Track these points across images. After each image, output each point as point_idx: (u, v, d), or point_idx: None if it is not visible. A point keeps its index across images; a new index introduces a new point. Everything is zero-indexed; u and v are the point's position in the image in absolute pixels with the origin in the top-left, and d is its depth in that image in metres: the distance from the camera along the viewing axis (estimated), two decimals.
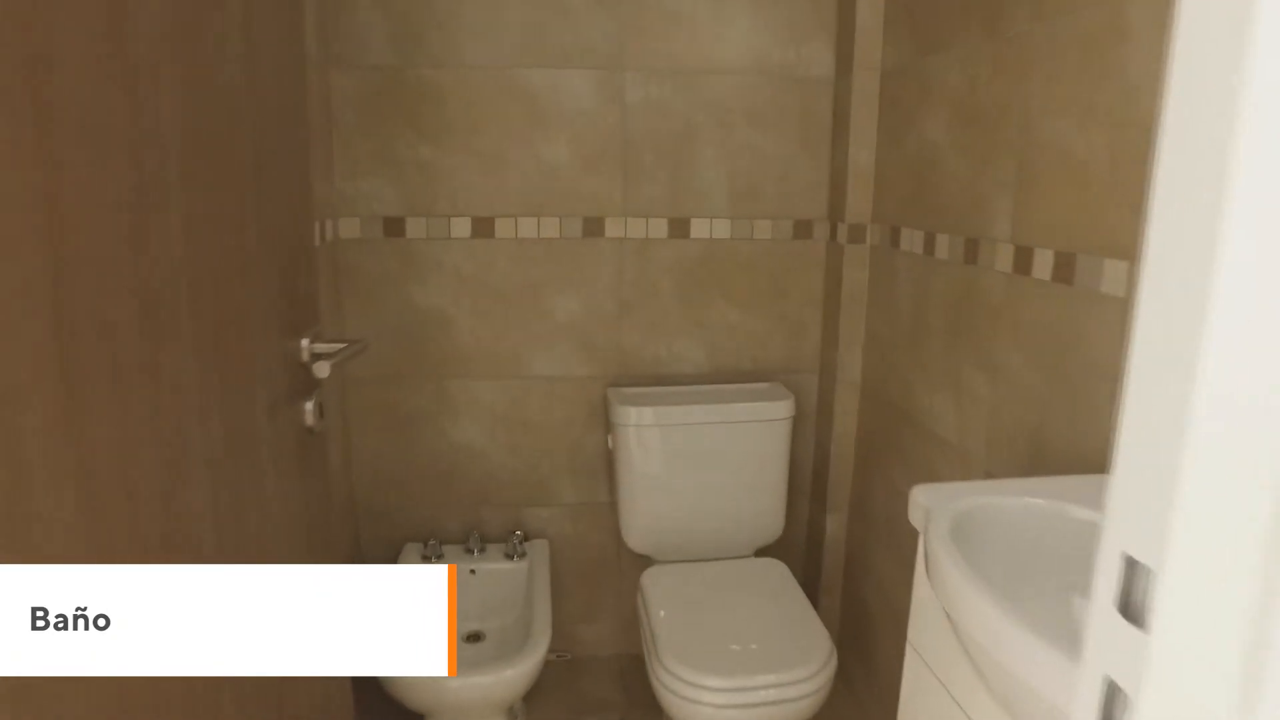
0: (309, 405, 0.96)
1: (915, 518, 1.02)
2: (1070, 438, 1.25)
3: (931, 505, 0.98)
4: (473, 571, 1.97)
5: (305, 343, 0.96)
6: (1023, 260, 1.36)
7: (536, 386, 2.05)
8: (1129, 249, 1.12)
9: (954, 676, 0.98)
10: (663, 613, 1.69)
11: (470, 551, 2.01)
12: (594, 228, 2.00)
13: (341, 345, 0.98)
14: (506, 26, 1.88)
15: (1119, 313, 1.14)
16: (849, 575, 2.13)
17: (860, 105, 1.91)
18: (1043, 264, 1.31)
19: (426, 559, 1.96)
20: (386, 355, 1.99)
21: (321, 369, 0.92)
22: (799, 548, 2.29)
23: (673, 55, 1.94)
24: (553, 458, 2.10)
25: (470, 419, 2.05)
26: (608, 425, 2.04)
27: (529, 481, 2.11)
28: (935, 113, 1.64)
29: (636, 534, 1.95)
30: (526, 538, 2.11)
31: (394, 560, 2.03)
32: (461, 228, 1.95)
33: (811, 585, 2.22)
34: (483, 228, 1.96)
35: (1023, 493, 1.01)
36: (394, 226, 1.94)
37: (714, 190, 2.02)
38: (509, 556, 2.00)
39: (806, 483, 2.24)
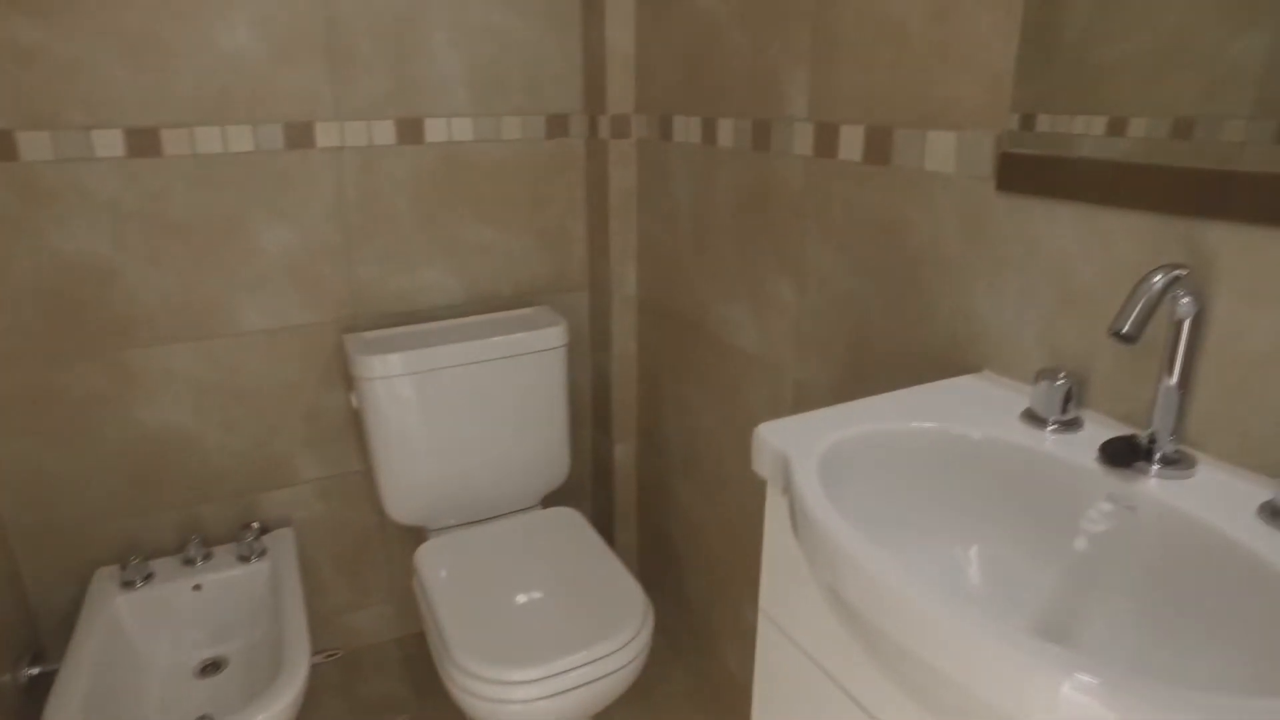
0: None
1: (764, 464, 0.82)
2: (898, 338, 1.11)
3: (789, 448, 0.77)
4: (197, 587, 1.55)
5: None
6: (825, 141, 1.18)
7: (251, 343, 1.62)
8: (958, 117, 0.96)
9: (825, 646, 0.80)
10: (446, 599, 1.41)
11: (191, 562, 1.58)
12: (300, 136, 1.57)
13: None
14: None
15: (947, 194, 0.99)
16: (644, 506, 1.97)
17: None
18: (851, 143, 1.13)
19: (129, 584, 1.51)
20: (25, 326, 1.45)
21: None
22: (588, 484, 2.09)
23: None
24: (285, 428, 1.69)
25: (167, 396, 1.58)
26: (348, 380, 1.67)
27: (258, 461, 1.69)
28: None
29: (400, 504, 1.63)
30: (265, 530, 1.71)
31: (81, 594, 1.55)
32: (110, 143, 1.44)
33: (605, 521, 2.04)
34: (143, 143, 1.46)
35: (895, 413, 0.84)
36: None
37: (449, 83, 1.66)
38: (244, 558, 1.60)
39: (588, 412, 2.02)
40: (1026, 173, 0.88)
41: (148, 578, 1.52)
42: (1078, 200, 0.84)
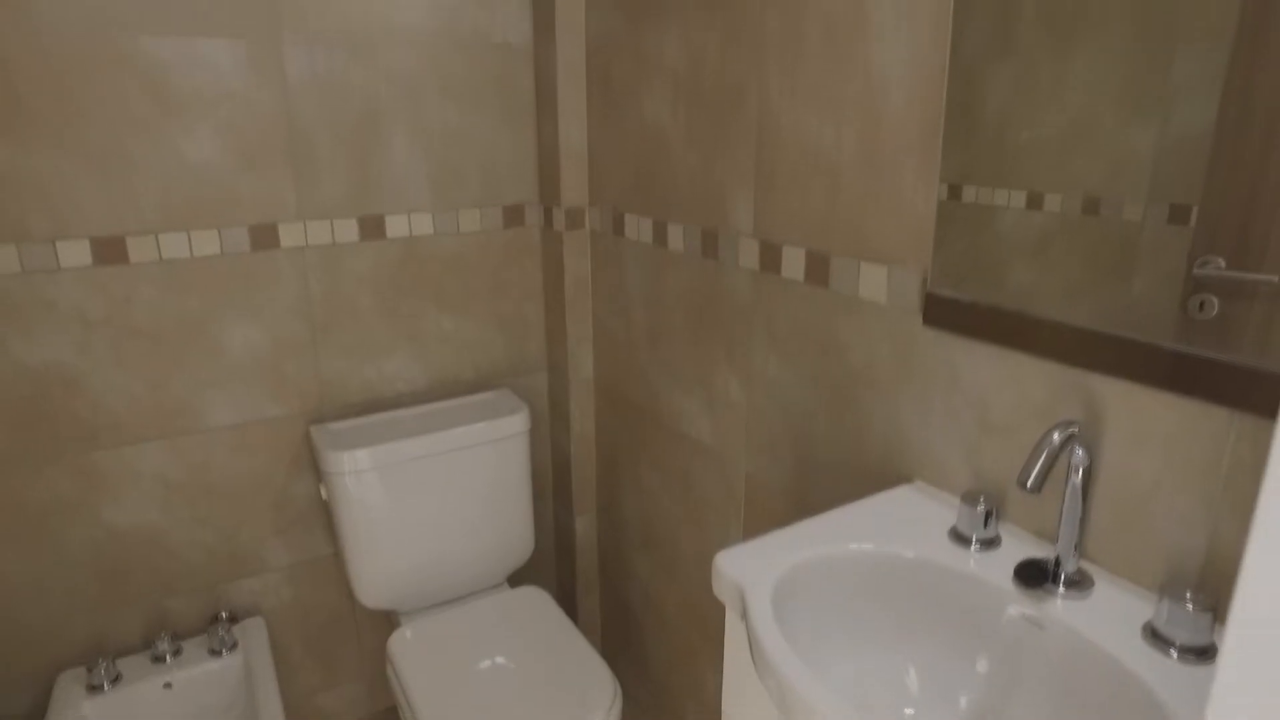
0: None
1: (722, 591, 0.91)
2: (839, 444, 1.22)
3: (744, 580, 0.86)
4: (168, 685, 1.57)
5: None
6: (770, 258, 1.29)
7: (219, 438, 1.66)
8: (887, 253, 1.07)
9: None
10: (422, 690, 1.46)
11: (160, 659, 1.60)
12: (265, 237, 1.62)
13: None
14: None
15: (880, 322, 1.10)
16: (605, 576, 2.04)
17: (566, 76, 1.72)
18: (793, 263, 1.24)
19: (95, 688, 1.52)
20: None
21: None
22: (551, 555, 2.15)
23: (343, 18, 1.60)
24: (254, 518, 1.73)
25: (135, 495, 1.60)
26: (317, 472, 1.71)
27: (227, 553, 1.72)
28: (655, 90, 1.51)
29: (371, 591, 1.67)
30: (234, 620, 1.73)
31: (44, 700, 1.56)
32: (76, 254, 1.48)
33: (569, 592, 2.11)
34: (110, 251, 1.50)
35: (838, 536, 0.93)
36: None
37: (409, 180, 1.73)
38: (215, 652, 1.62)
39: (550, 485, 2.09)
40: (948, 313, 1.00)
41: (115, 679, 1.54)
42: (993, 342, 0.95)
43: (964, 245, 0.96)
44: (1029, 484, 0.76)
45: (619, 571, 1.96)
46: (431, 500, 1.67)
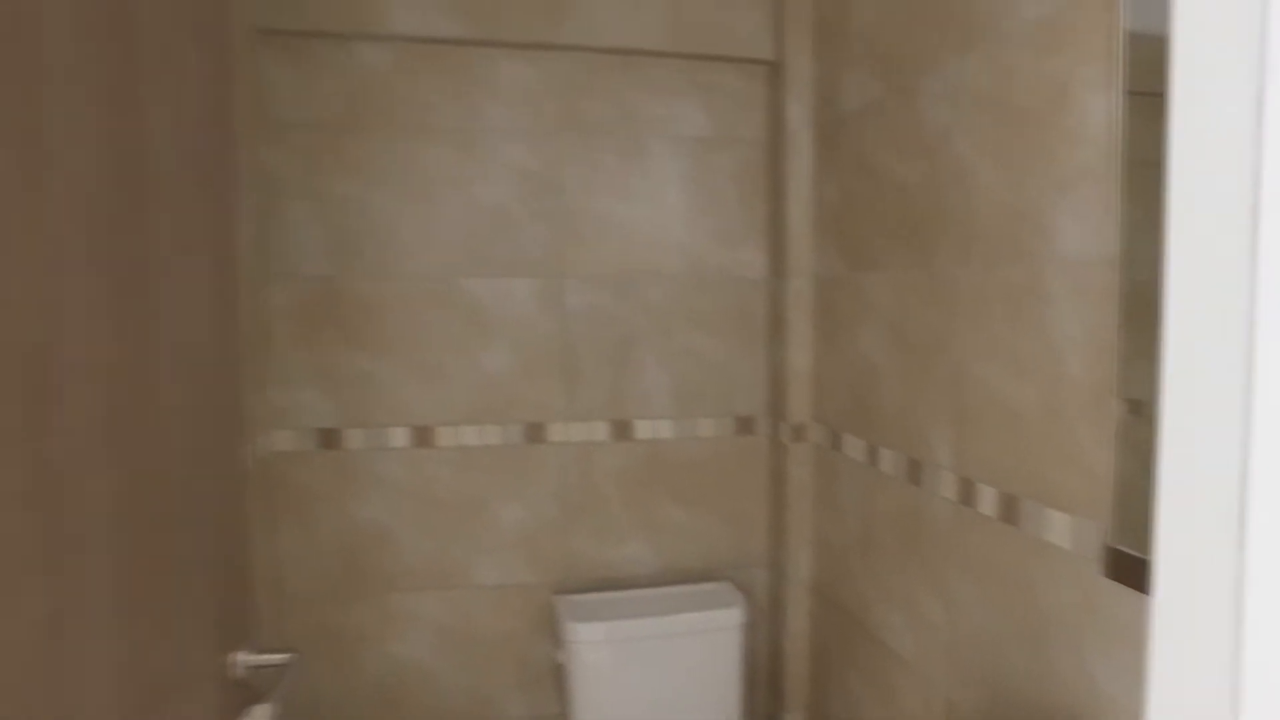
0: None
1: None
2: (1031, 685, 1.23)
3: None
4: None
5: (239, 656, 0.90)
6: (966, 492, 1.38)
7: (483, 596, 1.97)
8: (1070, 503, 1.14)
9: None
10: None
11: None
12: (536, 434, 1.98)
13: (279, 659, 0.93)
14: (446, 238, 1.90)
15: (1065, 566, 1.15)
16: None
17: (796, 308, 1.96)
18: (987, 500, 1.32)
19: None
20: (326, 573, 1.89)
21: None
22: None
23: (611, 261, 1.99)
24: (501, 671, 2.00)
25: (415, 634, 1.94)
26: (555, 639, 1.95)
27: (476, 697, 1.99)
28: (871, 328, 1.70)
29: None
30: None
31: None
32: (400, 437, 1.91)
33: None
34: (423, 437, 1.92)
35: None
36: (330, 438, 1.89)
37: (656, 391, 2.03)
38: None
39: (763, 677, 2.17)
40: (1128, 569, 1.04)
41: None
42: None
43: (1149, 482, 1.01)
44: None
45: None
46: (651, 678, 1.84)
